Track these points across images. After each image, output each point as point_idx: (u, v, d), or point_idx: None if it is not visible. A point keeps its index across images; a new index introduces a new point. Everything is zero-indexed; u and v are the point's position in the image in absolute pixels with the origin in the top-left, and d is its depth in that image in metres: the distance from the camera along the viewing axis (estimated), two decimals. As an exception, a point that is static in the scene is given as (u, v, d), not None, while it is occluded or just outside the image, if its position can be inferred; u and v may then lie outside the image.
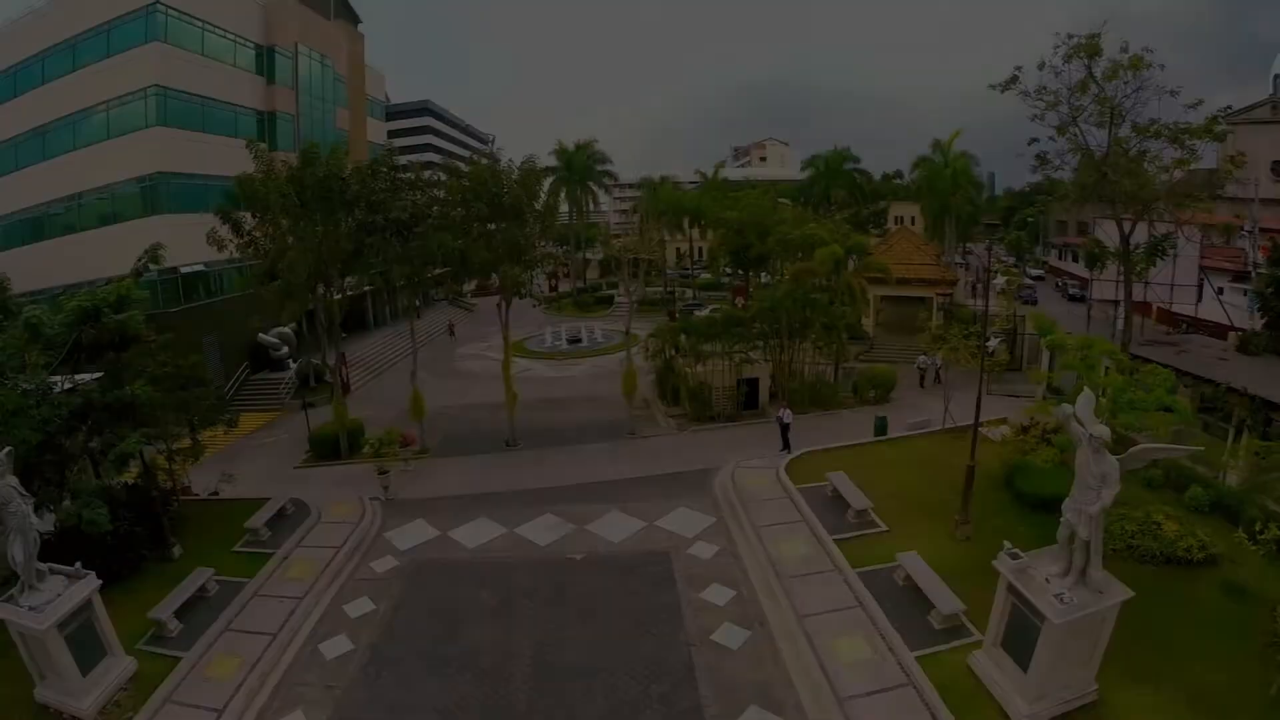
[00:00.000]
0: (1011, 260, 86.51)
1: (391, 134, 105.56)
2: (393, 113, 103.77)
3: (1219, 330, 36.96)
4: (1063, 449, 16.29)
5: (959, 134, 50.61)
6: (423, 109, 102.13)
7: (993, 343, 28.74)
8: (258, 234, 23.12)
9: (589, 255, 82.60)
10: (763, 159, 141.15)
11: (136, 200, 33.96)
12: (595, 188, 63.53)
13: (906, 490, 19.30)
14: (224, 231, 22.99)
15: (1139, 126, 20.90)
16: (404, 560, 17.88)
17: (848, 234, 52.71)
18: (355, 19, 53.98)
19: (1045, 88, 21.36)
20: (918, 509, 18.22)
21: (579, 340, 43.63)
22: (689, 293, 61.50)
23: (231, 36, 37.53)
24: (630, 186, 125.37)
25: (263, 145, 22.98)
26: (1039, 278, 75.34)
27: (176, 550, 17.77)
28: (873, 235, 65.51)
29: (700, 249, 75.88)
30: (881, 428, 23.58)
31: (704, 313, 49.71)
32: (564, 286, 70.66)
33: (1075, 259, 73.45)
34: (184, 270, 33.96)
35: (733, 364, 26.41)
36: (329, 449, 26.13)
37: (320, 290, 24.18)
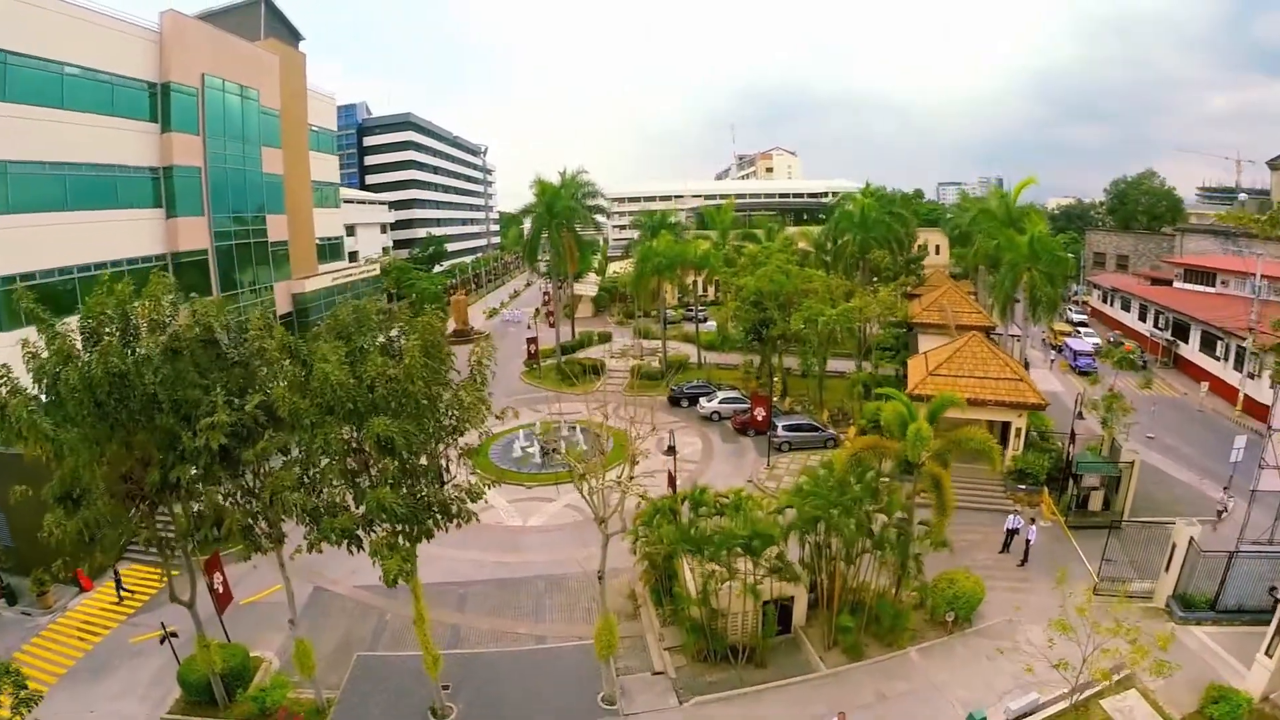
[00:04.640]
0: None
1: (369, 149, 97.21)
2: (371, 127, 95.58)
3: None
4: None
5: (1030, 183, 40.64)
6: (404, 122, 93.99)
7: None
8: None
9: (580, 291, 74.54)
10: (769, 169, 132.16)
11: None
12: (582, 229, 54.73)
13: None
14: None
15: None
16: None
17: (894, 304, 43.98)
18: (295, 36, 45.21)
19: None
20: None
21: (555, 452, 35.31)
22: (692, 357, 52.68)
23: (106, 78, 29.08)
24: (631, 200, 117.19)
25: (36, 307, 14.56)
26: (1082, 324, 66.72)
27: None
28: (907, 278, 57.03)
29: (704, 284, 67.47)
30: (979, 730, 15.72)
31: (713, 404, 41.22)
32: (546, 335, 60.19)
33: (1125, 307, 65.04)
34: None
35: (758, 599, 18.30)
36: (203, 693, 18.41)
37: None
